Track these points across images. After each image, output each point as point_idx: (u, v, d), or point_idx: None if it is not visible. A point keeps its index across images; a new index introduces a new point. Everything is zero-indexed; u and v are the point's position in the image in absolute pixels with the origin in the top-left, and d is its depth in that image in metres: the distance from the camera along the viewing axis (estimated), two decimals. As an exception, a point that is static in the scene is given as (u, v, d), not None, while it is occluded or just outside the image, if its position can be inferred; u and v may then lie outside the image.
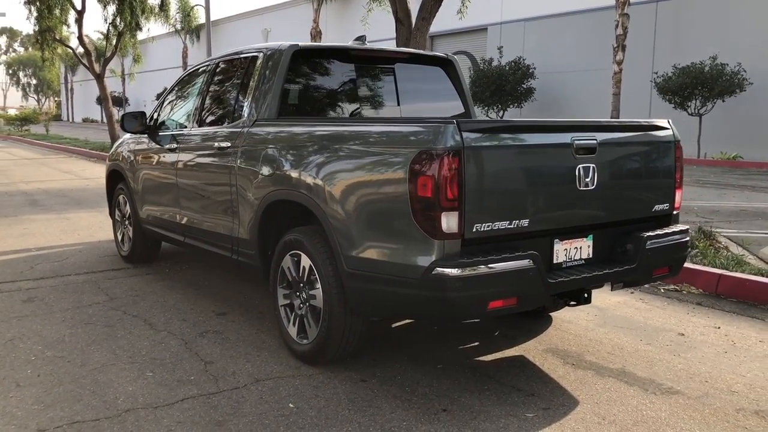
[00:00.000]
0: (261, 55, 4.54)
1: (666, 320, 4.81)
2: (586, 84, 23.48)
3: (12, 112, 66.04)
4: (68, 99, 75.11)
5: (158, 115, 5.84)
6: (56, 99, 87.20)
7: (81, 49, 21.62)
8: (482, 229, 3.14)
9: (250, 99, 4.48)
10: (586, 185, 3.46)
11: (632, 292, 5.56)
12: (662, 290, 5.61)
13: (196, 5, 47.29)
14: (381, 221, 3.32)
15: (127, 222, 6.37)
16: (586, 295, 3.64)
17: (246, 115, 4.47)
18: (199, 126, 5.09)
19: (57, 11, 19.97)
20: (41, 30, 20.63)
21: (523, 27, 26.05)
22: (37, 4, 19.96)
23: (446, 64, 5.13)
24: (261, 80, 4.42)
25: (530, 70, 23.89)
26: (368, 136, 3.48)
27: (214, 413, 3.27)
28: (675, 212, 4.04)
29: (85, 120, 67.55)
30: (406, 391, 3.55)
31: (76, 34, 20.41)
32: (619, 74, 21.19)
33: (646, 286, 5.71)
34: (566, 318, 4.82)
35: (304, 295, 3.86)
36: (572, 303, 3.63)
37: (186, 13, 46.64)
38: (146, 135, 5.81)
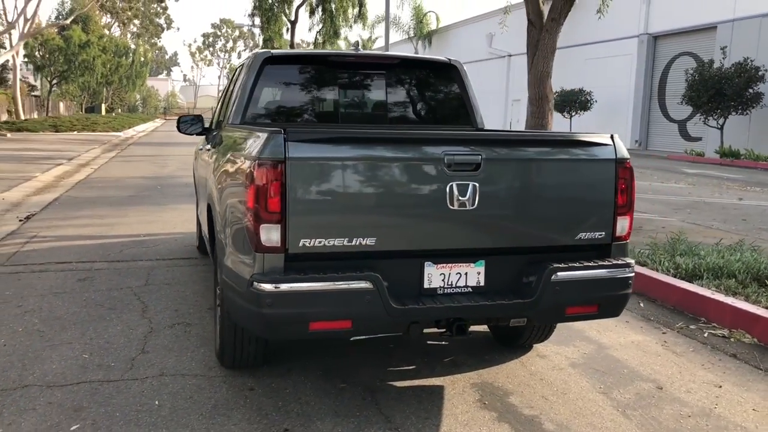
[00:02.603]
0: (245, 62, 4.69)
1: (662, 370, 4.08)
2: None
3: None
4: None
5: (213, 117, 6.26)
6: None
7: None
8: (311, 244, 2.97)
9: (230, 104, 4.65)
10: (463, 205, 3.10)
11: (664, 333, 4.78)
12: (706, 334, 4.74)
13: (429, 12, 48.86)
14: (233, 230, 3.29)
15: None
16: (461, 325, 3.24)
17: (224, 120, 4.65)
18: (218, 129, 5.38)
19: (274, 23, 21.87)
20: (264, 39, 22.81)
21: (759, 24, 23.06)
22: (260, 17, 22.13)
23: (448, 69, 4.83)
24: (239, 86, 4.57)
25: (759, 73, 21.10)
26: (233, 143, 3.47)
27: (85, 399, 3.47)
28: (619, 242, 3.43)
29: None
30: (276, 406, 3.46)
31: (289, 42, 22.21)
32: None
33: (691, 327, 4.88)
34: (544, 352, 4.31)
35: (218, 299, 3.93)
36: (446, 333, 3.26)
37: (419, 19, 48.26)
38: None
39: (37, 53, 46.87)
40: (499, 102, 39.89)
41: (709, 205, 11.17)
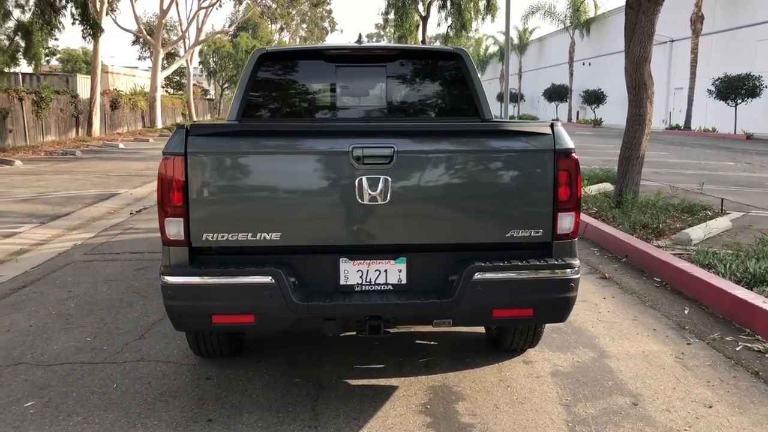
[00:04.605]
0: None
1: (654, 384, 3.65)
2: None
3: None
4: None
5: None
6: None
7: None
8: (214, 238, 3.00)
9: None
10: (374, 199, 2.97)
11: (689, 343, 4.27)
12: (739, 347, 4.18)
13: (586, -1, 46.85)
14: None
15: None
16: (374, 325, 3.09)
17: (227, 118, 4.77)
18: None
19: (406, 19, 22.06)
20: (399, 37, 23.09)
21: None
22: (394, 14, 22.44)
23: (452, 59, 4.61)
24: (238, 85, 4.67)
25: None
26: None
27: (56, 379, 3.73)
28: (562, 241, 3.11)
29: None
30: (218, 396, 3.51)
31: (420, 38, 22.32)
32: None
33: (727, 339, 4.33)
34: (533, 358, 4.02)
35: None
36: (362, 332, 3.13)
37: (576, 7, 46.40)
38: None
39: (210, 60, 50.78)
40: (660, 91, 37.32)
41: None
